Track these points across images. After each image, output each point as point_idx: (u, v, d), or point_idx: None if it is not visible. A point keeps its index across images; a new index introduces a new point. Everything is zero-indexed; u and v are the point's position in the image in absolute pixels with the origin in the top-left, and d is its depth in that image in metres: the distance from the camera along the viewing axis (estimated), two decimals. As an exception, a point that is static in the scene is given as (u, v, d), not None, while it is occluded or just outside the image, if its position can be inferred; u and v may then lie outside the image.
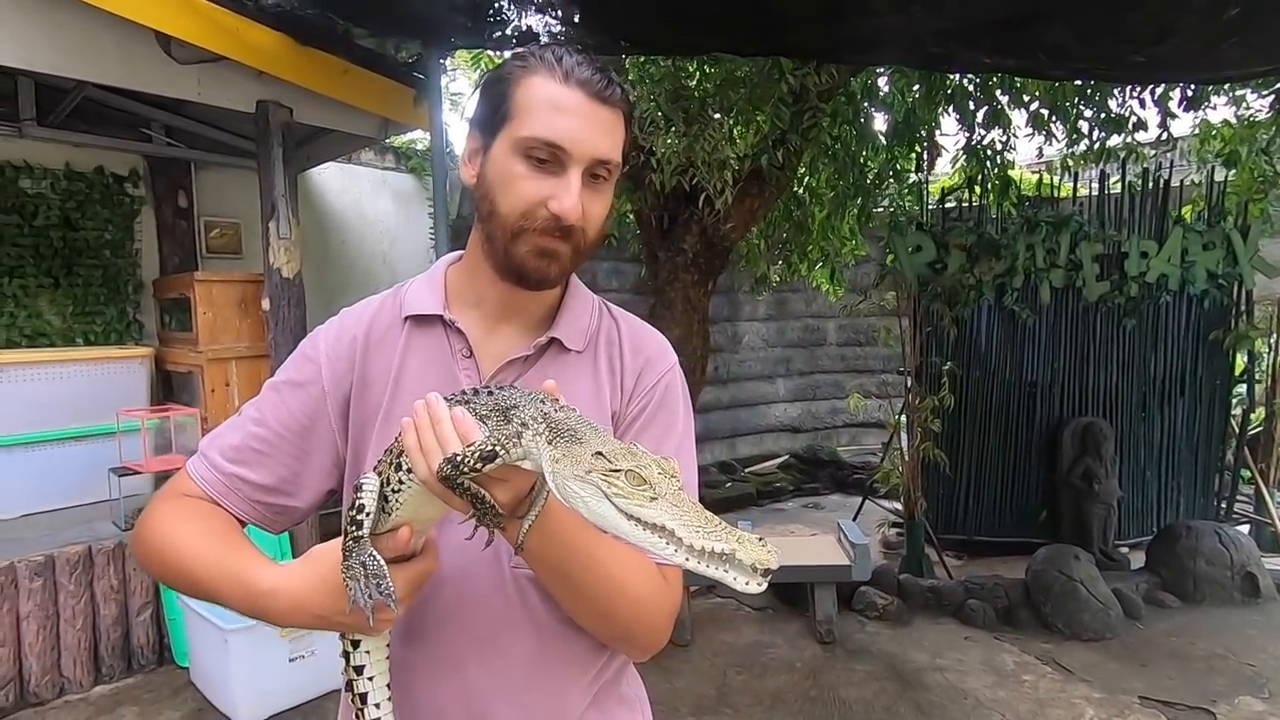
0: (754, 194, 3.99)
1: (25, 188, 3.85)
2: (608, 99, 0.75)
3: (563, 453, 0.57)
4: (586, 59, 0.76)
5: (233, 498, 0.82)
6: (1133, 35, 2.12)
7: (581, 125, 0.74)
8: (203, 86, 3.18)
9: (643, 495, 0.53)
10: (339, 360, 0.84)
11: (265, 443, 0.83)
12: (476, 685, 0.79)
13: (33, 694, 2.80)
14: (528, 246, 0.77)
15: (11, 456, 3.36)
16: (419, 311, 0.85)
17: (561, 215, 0.74)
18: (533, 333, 0.85)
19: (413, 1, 2.82)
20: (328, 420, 0.84)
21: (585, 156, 0.75)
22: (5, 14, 2.60)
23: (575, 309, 0.87)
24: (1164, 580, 3.93)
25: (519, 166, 0.75)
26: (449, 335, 0.84)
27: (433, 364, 0.83)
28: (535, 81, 0.75)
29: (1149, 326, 4.59)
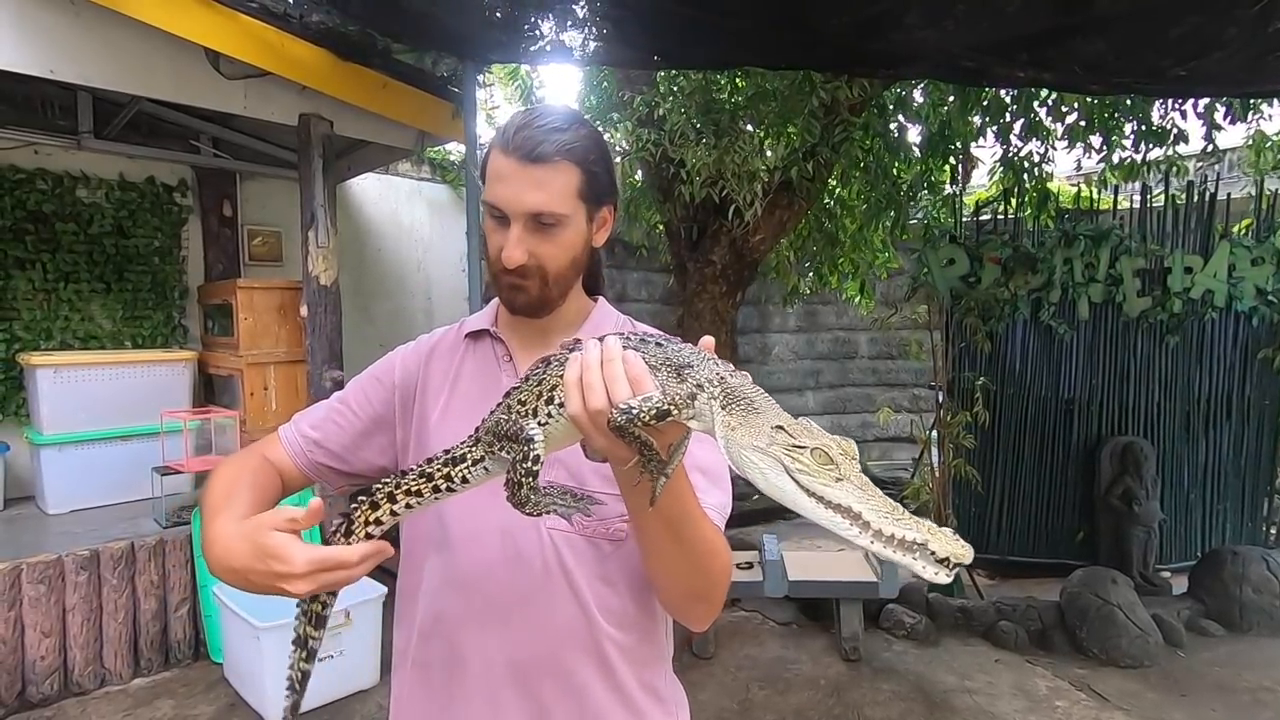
0: (783, 206, 3.99)
1: (82, 197, 4.02)
2: (538, 158, 0.86)
3: (739, 420, 0.58)
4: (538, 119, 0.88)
5: (302, 457, 1.00)
6: (1174, 49, 2.07)
7: (513, 188, 0.87)
8: (249, 100, 3.29)
9: (828, 475, 0.54)
10: (410, 366, 1.03)
11: (341, 416, 1.02)
12: (519, 642, 0.89)
13: (76, 684, 2.90)
14: (500, 284, 0.93)
15: (63, 454, 3.50)
16: (474, 328, 1.02)
17: (506, 263, 0.89)
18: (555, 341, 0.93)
19: (450, 18, 2.89)
20: (393, 410, 1.01)
21: (519, 213, 0.88)
22: (67, 35, 2.73)
23: (599, 322, 1.02)
24: (1208, 608, 3.78)
25: (489, 224, 0.92)
26: (494, 346, 1.00)
27: (483, 367, 1.00)
28: (492, 154, 0.90)
29: (1193, 344, 4.45)
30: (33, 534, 3.25)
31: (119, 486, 3.61)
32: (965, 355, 4.41)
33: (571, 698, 0.89)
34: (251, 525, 0.75)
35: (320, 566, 0.72)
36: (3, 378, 3.75)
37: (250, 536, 0.74)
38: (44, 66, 2.75)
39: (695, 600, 0.88)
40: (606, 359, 0.65)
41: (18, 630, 2.78)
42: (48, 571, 2.83)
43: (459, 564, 0.90)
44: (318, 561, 0.71)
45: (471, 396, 0.96)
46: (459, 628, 0.90)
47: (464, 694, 0.90)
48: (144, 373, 3.73)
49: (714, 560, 0.82)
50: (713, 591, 0.86)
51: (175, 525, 3.26)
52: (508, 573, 0.89)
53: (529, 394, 0.72)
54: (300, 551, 0.71)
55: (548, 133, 0.87)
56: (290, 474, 1.00)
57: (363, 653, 2.97)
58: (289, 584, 0.71)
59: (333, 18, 3.14)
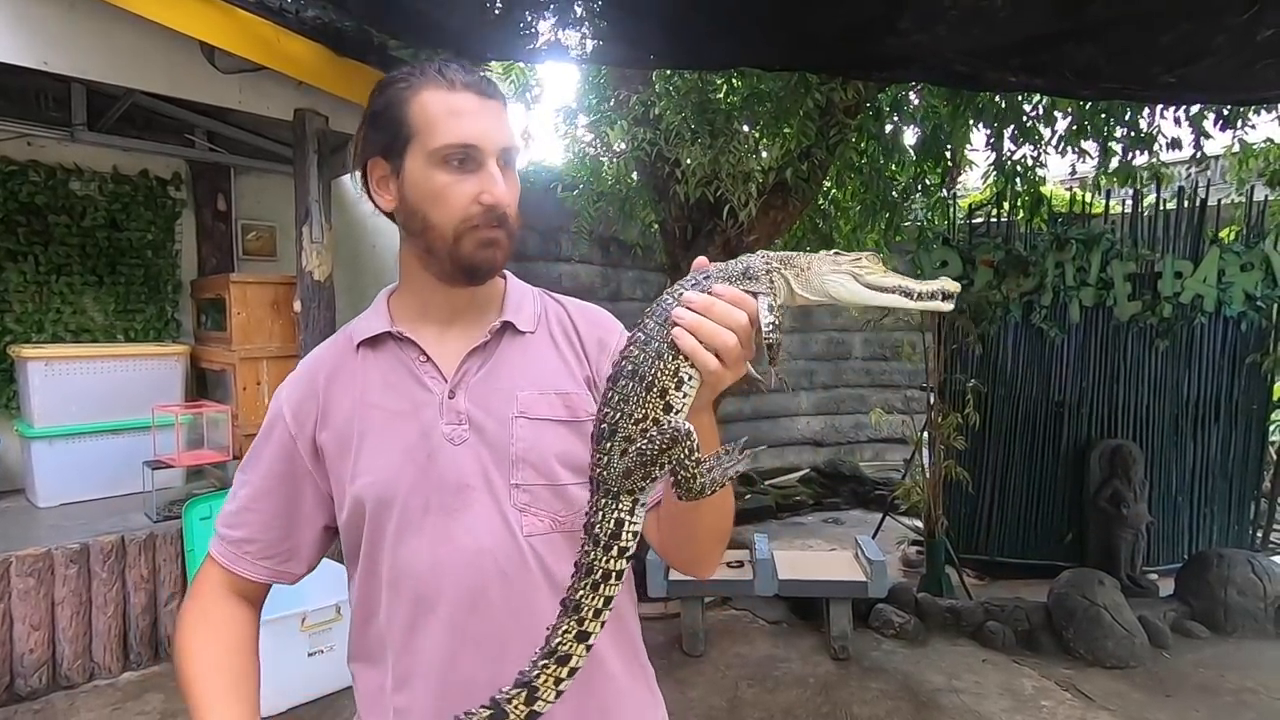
0: (778, 206, 4.00)
1: (75, 189, 4.01)
2: (493, 94, 0.82)
3: (803, 266, 0.71)
4: (460, 65, 0.82)
5: (242, 563, 0.88)
6: (1164, 56, 2.09)
7: (482, 120, 0.80)
8: (244, 95, 3.29)
9: (880, 270, 0.70)
10: (301, 403, 0.88)
11: (254, 500, 0.89)
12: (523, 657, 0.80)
13: (64, 677, 2.90)
14: (472, 243, 0.81)
15: (53, 448, 3.49)
16: (368, 334, 0.89)
17: (496, 203, 0.80)
18: (480, 326, 0.89)
19: (448, 16, 2.89)
20: (302, 460, 0.87)
21: (495, 147, 0.81)
22: (61, 26, 2.73)
23: (517, 298, 0.93)
24: (1193, 610, 3.82)
25: (440, 176, 0.80)
26: (401, 348, 0.88)
27: (393, 375, 0.87)
28: (426, 97, 0.80)
29: (1183, 348, 4.49)
30: (22, 527, 3.24)
31: (110, 480, 3.60)
32: (957, 357, 4.44)
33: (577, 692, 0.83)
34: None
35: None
36: (-7, 370, 3.73)
37: None
38: (37, 58, 2.74)
39: (717, 541, 0.86)
40: (706, 305, 0.66)
41: (6, 623, 2.78)
42: (37, 565, 2.82)
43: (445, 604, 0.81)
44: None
45: (389, 411, 0.85)
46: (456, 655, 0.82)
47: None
48: (136, 366, 3.72)
49: (726, 516, 0.84)
50: (728, 529, 0.86)
51: (166, 520, 3.25)
52: (500, 593, 0.81)
53: (644, 407, 0.68)
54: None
55: (479, 74, 0.83)
56: (244, 586, 0.89)
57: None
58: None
59: (329, 14, 3.13)
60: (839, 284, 0.69)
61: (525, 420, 0.85)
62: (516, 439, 0.84)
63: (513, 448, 0.84)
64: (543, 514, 0.84)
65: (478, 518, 0.82)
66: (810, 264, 0.71)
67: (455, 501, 0.82)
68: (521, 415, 0.85)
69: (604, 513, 0.69)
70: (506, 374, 0.87)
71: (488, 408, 0.85)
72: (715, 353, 0.65)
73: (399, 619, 0.83)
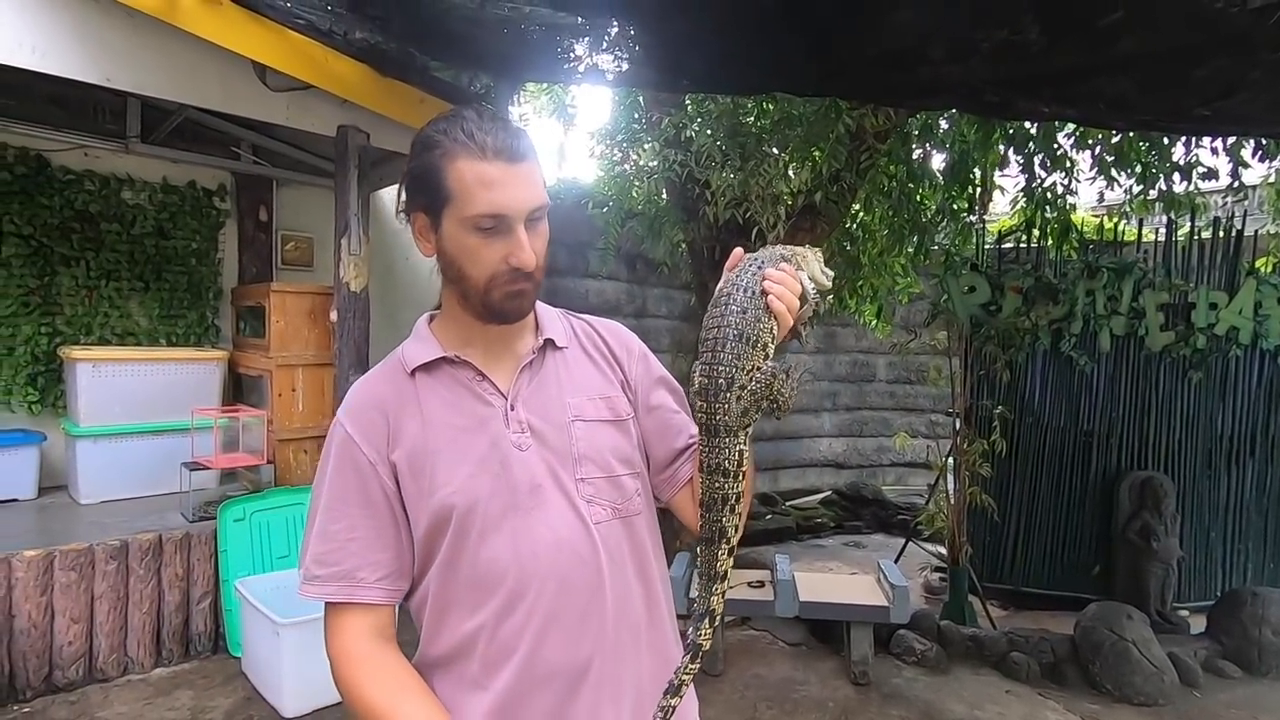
0: (806, 229, 4.04)
1: (126, 198, 4.18)
2: (523, 156, 0.89)
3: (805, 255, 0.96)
4: (494, 124, 0.88)
5: (360, 591, 0.91)
6: (1199, 89, 2.10)
7: (510, 190, 0.87)
8: (290, 111, 3.42)
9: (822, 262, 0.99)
10: (370, 430, 0.93)
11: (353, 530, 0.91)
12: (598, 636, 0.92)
13: (100, 670, 2.98)
14: (500, 295, 0.91)
15: (97, 446, 3.61)
16: (423, 360, 0.96)
17: (521, 267, 0.89)
18: (522, 346, 1.01)
19: (490, 39, 2.98)
20: (386, 483, 0.92)
21: (522, 213, 0.88)
22: (124, 44, 2.87)
23: (548, 319, 1.04)
24: (1226, 648, 3.73)
25: (473, 239, 0.88)
26: (456, 370, 0.96)
27: (455, 394, 0.95)
28: (461, 166, 0.86)
29: (1217, 380, 4.41)
30: (64, 523, 3.35)
31: (149, 480, 3.71)
32: (984, 383, 4.41)
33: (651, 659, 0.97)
34: None
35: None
36: (43, 370, 3.88)
37: None
38: (101, 74, 2.88)
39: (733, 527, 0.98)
40: (780, 278, 0.88)
41: (48, 615, 2.87)
42: (79, 559, 2.92)
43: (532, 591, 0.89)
44: None
45: (457, 427, 0.92)
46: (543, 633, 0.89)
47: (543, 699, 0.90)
48: (177, 370, 3.84)
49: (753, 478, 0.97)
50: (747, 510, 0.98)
51: (201, 520, 3.35)
52: (579, 577, 0.91)
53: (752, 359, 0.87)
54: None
55: (511, 133, 0.89)
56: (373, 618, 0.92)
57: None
58: None
59: (375, 36, 3.25)
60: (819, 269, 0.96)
61: (581, 423, 0.97)
62: (577, 439, 0.95)
63: (574, 447, 0.95)
64: (605, 503, 0.96)
65: (553, 512, 0.92)
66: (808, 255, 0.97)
67: (530, 501, 0.92)
68: (577, 419, 0.97)
69: (729, 449, 0.87)
70: (555, 385, 0.99)
71: (545, 416, 0.96)
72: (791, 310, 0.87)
73: (486, 611, 0.90)
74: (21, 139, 3.78)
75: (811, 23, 2.21)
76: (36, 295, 3.87)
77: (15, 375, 3.81)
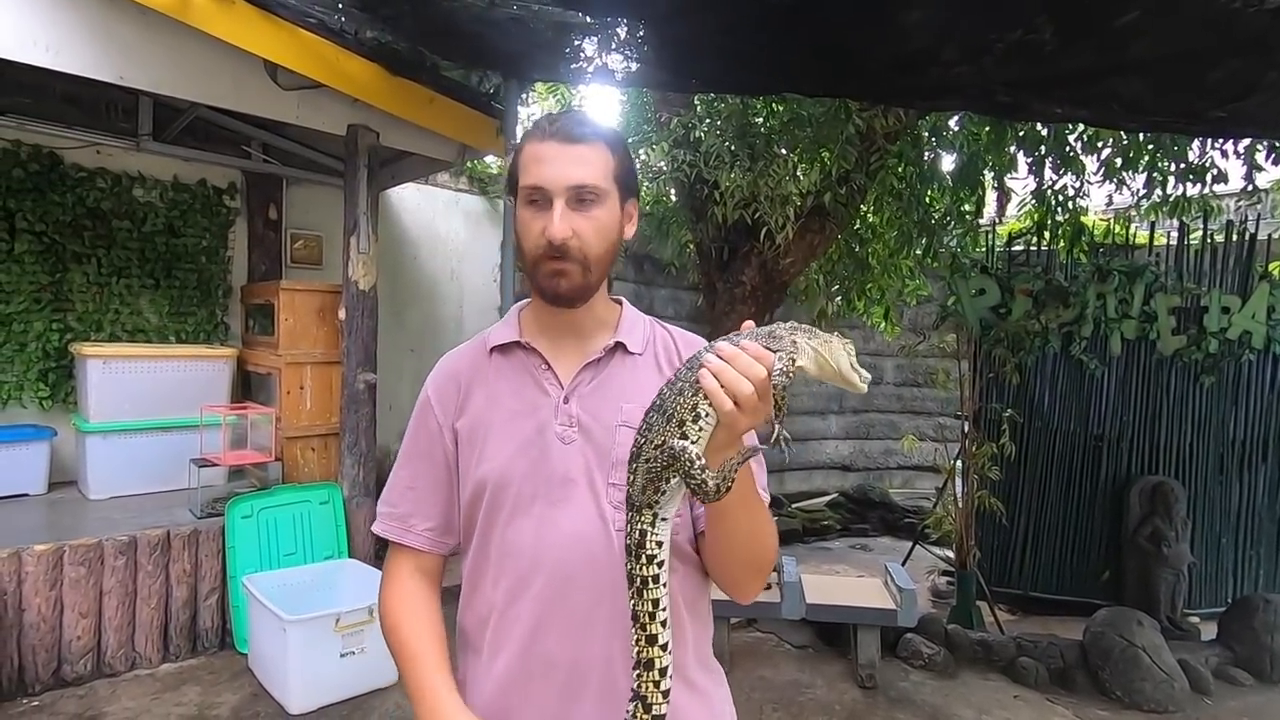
0: (815, 230, 4.03)
1: (138, 196, 4.20)
2: (579, 139, 0.93)
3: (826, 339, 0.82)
4: (574, 115, 0.96)
5: (409, 536, 1.03)
6: (1213, 91, 2.09)
7: (554, 165, 0.91)
8: (301, 110, 3.43)
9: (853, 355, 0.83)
10: (445, 395, 1.03)
11: (414, 479, 1.04)
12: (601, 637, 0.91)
13: (108, 665, 3.00)
14: (541, 272, 0.94)
15: (106, 442, 3.63)
16: (500, 342, 1.03)
17: (550, 237, 0.91)
18: (591, 345, 1.01)
19: (500, 39, 2.99)
20: (448, 445, 1.02)
21: (562, 187, 0.91)
22: (137, 43, 2.88)
23: (631, 323, 1.04)
24: (1237, 655, 3.69)
25: (525, 212, 0.94)
26: (527, 355, 1.01)
27: (520, 378, 1.01)
28: (526, 147, 0.95)
29: (1229, 385, 4.37)
30: (74, 518, 3.37)
31: (157, 476, 3.73)
32: (993, 386, 4.39)
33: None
34: None
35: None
36: (54, 366, 3.90)
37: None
38: (114, 73, 2.90)
39: (753, 573, 0.95)
40: (732, 355, 0.76)
41: (57, 610, 2.88)
42: (88, 554, 2.94)
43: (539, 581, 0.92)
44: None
45: (515, 409, 0.99)
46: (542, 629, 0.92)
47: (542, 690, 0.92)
48: (186, 367, 3.86)
49: (769, 531, 0.93)
50: (767, 565, 0.95)
51: (209, 516, 3.36)
52: (588, 577, 0.92)
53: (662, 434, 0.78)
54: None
55: (582, 120, 0.95)
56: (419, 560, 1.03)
57: (384, 650, 3.01)
58: None
59: (385, 35, 3.26)
60: (845, 361, 0.82)
61: (627, 429, 0.94)
62: (618, 444, 0.94)
63: (614, 451, 0.94)
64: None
65: (578, 508, 0.93)
66: (830, 339, 0.82)
67: (559, 493, 0.94)
68: (624, 424, 0.95)
69: (631, 525, 0.79)
70: (615, 387, 0.99)
71: (596, 415, 0.96)
72: (734, 398, 0.74)
73: (500, 592, 0.95)
74: (35, 137, 3.81)
75: (822, 23, 2.21)
76: (48, 291, 3.90)
77: (27, 371, 3.83)
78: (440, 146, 3.90)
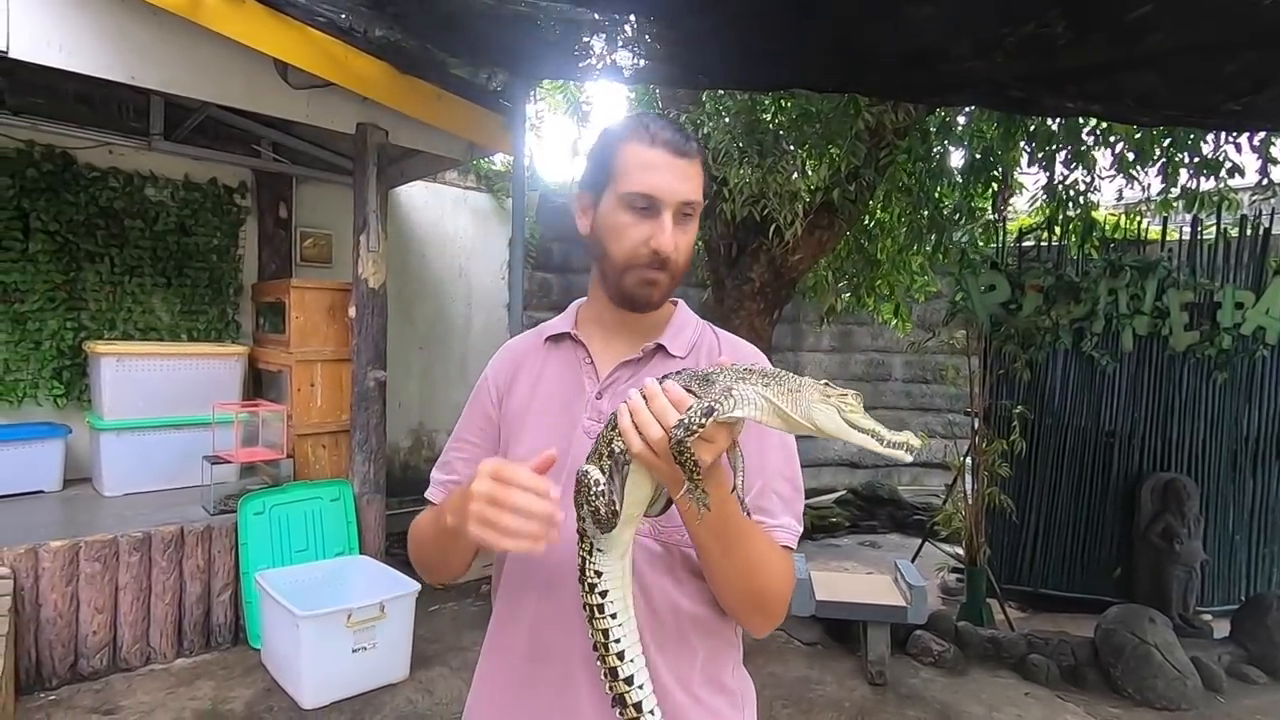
0: (824, 226, 4.02)
1: (150, 195, 4.23)
2: (686, 153, 0.94)
3: (794, 388, 0.73)
4: (668, 123, 0.96)
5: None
6: (1228, 85, 2.07)
7: (667, 177, 0.92)
8: (310, 109, 3.44)
9: (861, 412, 0.72)
10: (500, 376, 1.08)
11: (462, 449, 1.08)
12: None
13: (123, 660, 3.03)
14: (634, 279, 0.95)
15: (120, 439, 3.66)
16: (554, 332, 1.07)
17: (660, 250, 0.92)
18: (640, 343, 1.02)
19: (508, 36, 2.99)
20: (496, 422, 1.06)
21: (673, 201, 0.93)
22: (148, 43, 2.90)
23: (680, 325, 1.05)
24: (1250, 653, 3.67)
25: (624, 217, 0.94)
26: (575, 348, 1.04)
27: (564, 369, 1.04)
28: (629, 148, 0.94)
29: (1243, 381, 4.34)
30: (89, 514, 3.40)
31: (170, 473, 3.76)
32: (1003, 383, 4.37)
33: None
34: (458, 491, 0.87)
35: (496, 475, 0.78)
36: (69, 364, 3.94)
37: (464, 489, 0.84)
38: (126, 73, 2.91)
39: (750, 609, 0.93)
40: (650, 395, 0.74)
41: (73, 605, 2.92)
42: (104, 551, 2.97)
43: (545, 565, 0.94)
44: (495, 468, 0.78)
45: (553, 398, 1.01)
46: (541, 623, 0.95)
47: (544, 679, 0.94)
48: (198, 365, 3.89)
49: (761, 575, 0.88)
50: (766, 604, 0.91)
51: (222, 513, 3.39)
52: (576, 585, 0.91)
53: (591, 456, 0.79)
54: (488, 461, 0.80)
55: (682, 133, 0.95)
56: None
57: (395, 646, 3.05)
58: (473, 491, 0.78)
59: (395, 33, 3.27)
60: (825, 414, 0.71)
61: None
62: None
63: None
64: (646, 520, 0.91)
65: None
66: (801, 387, 0.72)
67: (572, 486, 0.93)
68: None
69: (579, 553, 0.81)
70: None
71: None
72: (644, 440, 0.73)
73: (514, 580, 1.00)
74: (48, 137, 3.84)
75: (832, 19, 2.20)
76: (63, 290, 3.93)
77: (42, 369, 3.87)
78: (448, 144, 3.91)
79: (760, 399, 0.73)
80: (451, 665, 3.27)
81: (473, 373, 5.74)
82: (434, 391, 5.59)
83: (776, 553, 0.91)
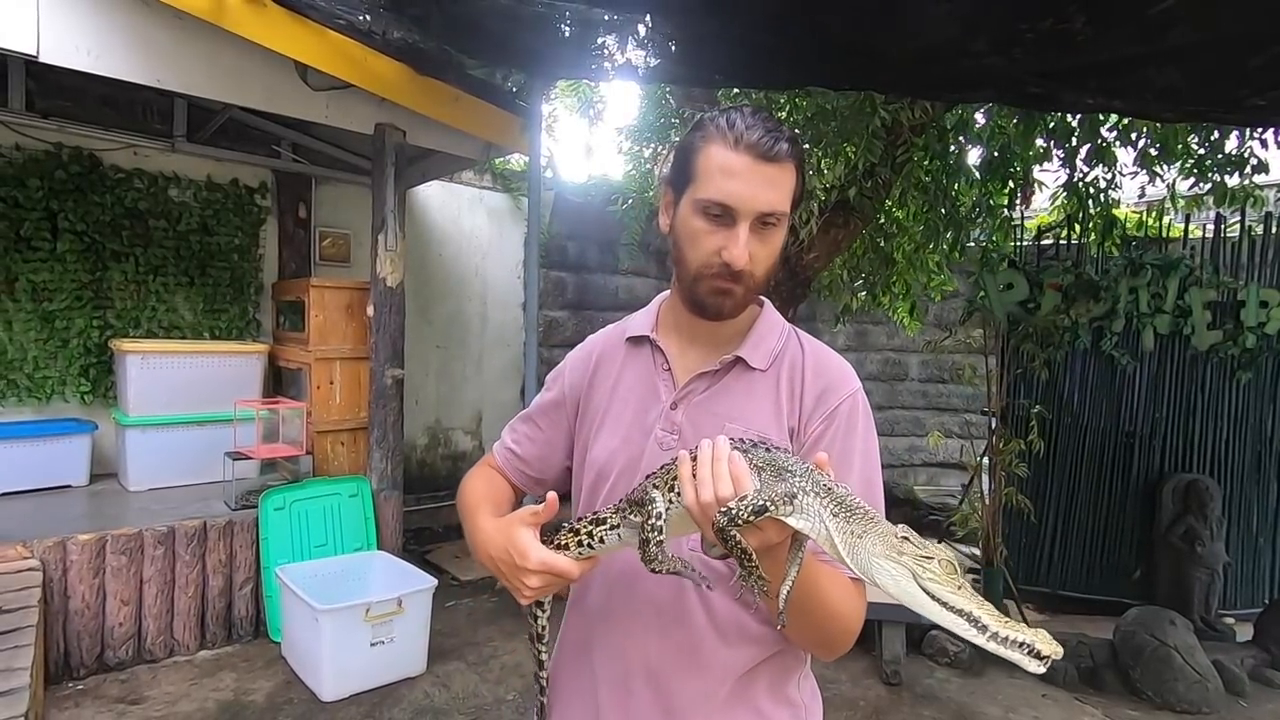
0: (839, 225, 4.00)
1: (173, 196, 4.30)
2: (773, 157, 0.86)
3: (863, 529, 0.64)
4: (759, 120, 0.87)
5: (508, 468, 1.13)
6: (1253, 79, 2.03)
7: (746, 185, 0.86)
8: (330, 110, 3.49)
9: (952, 583, 0.60)
10: (576, 370, 1.09)
11: (532, 430, 1.12)
12: (652, 644, 0.94)
13: (148, 651, 3.09)
14: (705, 288, 0.92)
15: (145, 435, 3.73)
16: (635, 333, 1.05)
17: (731, 263, 0.88)
18: (719, 352, 0.98)
19: (524, 37, 3.01)
20: (568, 412, 1.09)
21: (750, 212, 0.87)
22: (173, 47, 2.95)
23: (763, 333, 0.99)
24: (1274, 657, 3.61)
25: (699, 222, 0.90)
26: (654, 353, 1.02)
27: (642, 374, 1.03)
28: (711, 150, 0.88)
29: (1267, 381, 4.27)
30: (115, 508, 3.47)
31: (193, 469, 3.83)
32: (1021, 382, 4.33)
33: (700, 699, 0.92)
34: (505, 521, 0.89)
35: (547, 569, 0.83)
36: (95, 361, 4.02)
37: (503, 530, 0.88)
38: (151, 76, 2.97)
39: (817, 648, 0.94)
40: (716, 458, 0.71)
41: (100, 597, 2.98)
42: (129, 544, 3.03)
43: (616, 567, 0.96)
44: (546, 564, 0.83)
45: (629, 403, 1.01)
46: (608, 623, 0.97)
47: (608, 678, 0.96)
48: (220, 363, 3.95)
49: (832, 625, 0.87)
50: (833, 643, 0.91)
51: (243, 508, 3.44)
52: (652, 582, 0.91)
53: (661, 479, 0.79)
54: (535, 552, 0.83)
55: (776, 133, 0.87)
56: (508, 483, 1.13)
57: (412, 640, 3.09)
58: (523, 578, 0.84)
59: (413, 35, 3.30)
60: (890, 574, 0.61)
61: None
62: None
63: None
64: None
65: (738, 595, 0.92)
66: (869, 532, 0.63)
67: None
68: None
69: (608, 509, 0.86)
70: (725, 403, 0.96)
71: (699, 426, 0.93)
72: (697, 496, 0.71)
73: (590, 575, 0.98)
74: (76, 139, 3.92)
75: (848, 15, 2.19)
76: (89, 289, 4.01)
77: (69, 366, 3.95)
78: (465, 144, 3.94)
79: (821, 525, 0.65)
80: (468, 660, 3.30)
81: (488, 371, 5.78)
82: (451, 390, 5.63)
83: (849, 597, 0.87)
